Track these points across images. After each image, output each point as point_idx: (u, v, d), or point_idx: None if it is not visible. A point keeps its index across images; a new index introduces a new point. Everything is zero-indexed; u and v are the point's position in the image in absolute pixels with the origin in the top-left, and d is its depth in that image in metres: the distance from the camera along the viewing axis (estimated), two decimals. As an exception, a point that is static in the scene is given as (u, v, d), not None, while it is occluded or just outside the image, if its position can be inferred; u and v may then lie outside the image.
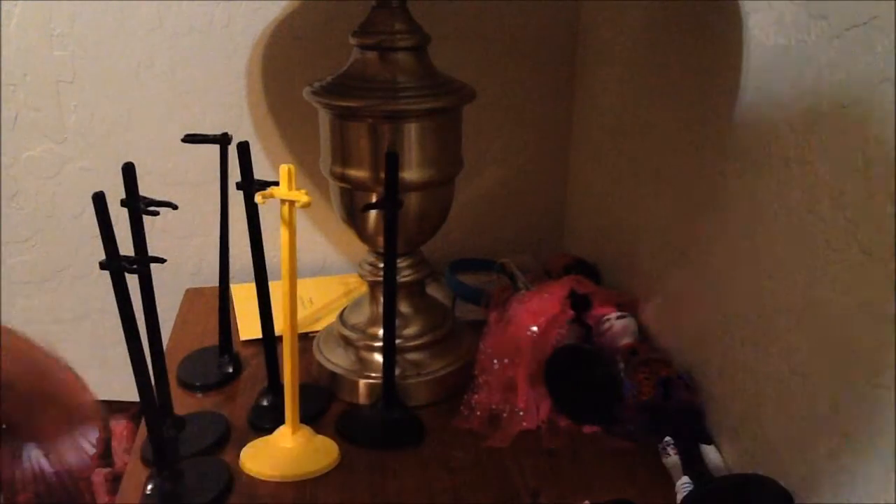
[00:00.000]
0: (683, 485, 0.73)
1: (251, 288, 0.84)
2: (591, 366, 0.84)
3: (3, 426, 1.17)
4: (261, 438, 0.80)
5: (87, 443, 0.71)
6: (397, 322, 0.86)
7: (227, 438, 0.81)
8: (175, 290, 1.14)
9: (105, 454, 1.19)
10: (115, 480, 1.17)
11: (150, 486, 0.72)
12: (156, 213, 0.72)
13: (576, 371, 0.84)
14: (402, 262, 0.88)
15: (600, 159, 1.09)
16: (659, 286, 0.92)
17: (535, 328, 0.87)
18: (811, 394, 0.64)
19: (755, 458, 0.72)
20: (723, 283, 0.77)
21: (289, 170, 0.72)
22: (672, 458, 0.76)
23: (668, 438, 0.78)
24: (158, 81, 1.08)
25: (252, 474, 0.76)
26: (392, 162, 0.76)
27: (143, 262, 0.67)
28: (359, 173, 0.82)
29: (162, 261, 0.68)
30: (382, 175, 0.77)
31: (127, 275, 0.65)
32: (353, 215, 0.86)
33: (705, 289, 0.81)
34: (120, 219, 0.67)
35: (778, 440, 0.69)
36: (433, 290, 1.03)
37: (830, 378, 0.61)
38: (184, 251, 1.17)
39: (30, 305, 1.16)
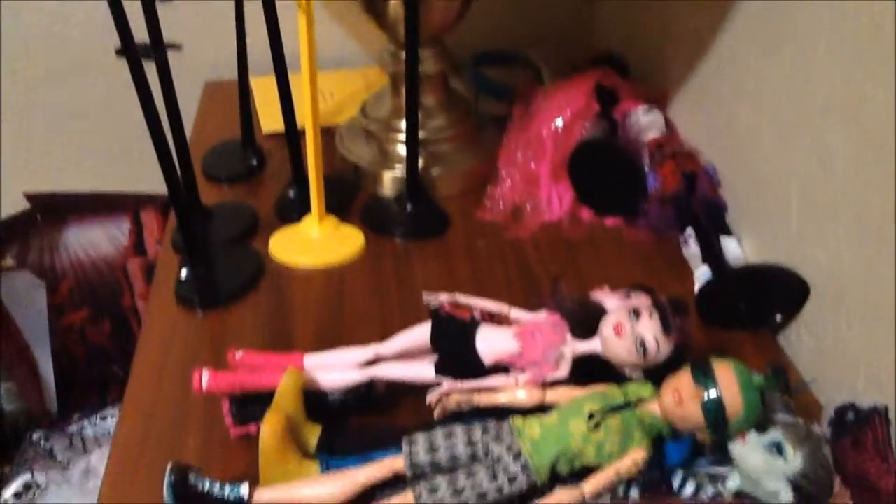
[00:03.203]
0: (702, 274, 0.74)
1: (270, 81, 0.82)
2: (615, 158, 0.83)
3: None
4: (288, 227, 0.82)
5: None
6: (420, 115, 0.85)
7: (255, 228, 0.83)
8: (193, 85, 1.12)
9: (138, 244, 1.23)
10: (149, 270, 1.22)
11: (183, 272, 0.75)
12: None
13: (600, 164, 0.84)
14: (424, 53, 0.85)
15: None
16: (688, 80, 0.89)
17: (559, 122, 0.86)
18: (837, 187, 0.63)
19: (775, 250, 0.73)
20: (754, 76, 0.74)
21: (306, -48, 0.67)
22: (692, 249, 0.77)
23: (689, 230, 0.78)
24: None
25: (281, 261, 0.79)
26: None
27: (159, 48, 0.66)
28: (379, -45, 0.77)
29: (178, 48, 0.66)
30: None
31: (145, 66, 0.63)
32: (372, 2, 0.82)
33: (736, 83, 0.78)
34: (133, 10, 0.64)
35: (799, 232, 0.69)
36: (455, 86, 1.01)
37: (857, 167, 0.61)
38: (200, 44, 1.13)
39: (51, 101, 1.15)
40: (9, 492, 1.14)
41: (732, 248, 0.77)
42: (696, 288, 0.73)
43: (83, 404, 1.28)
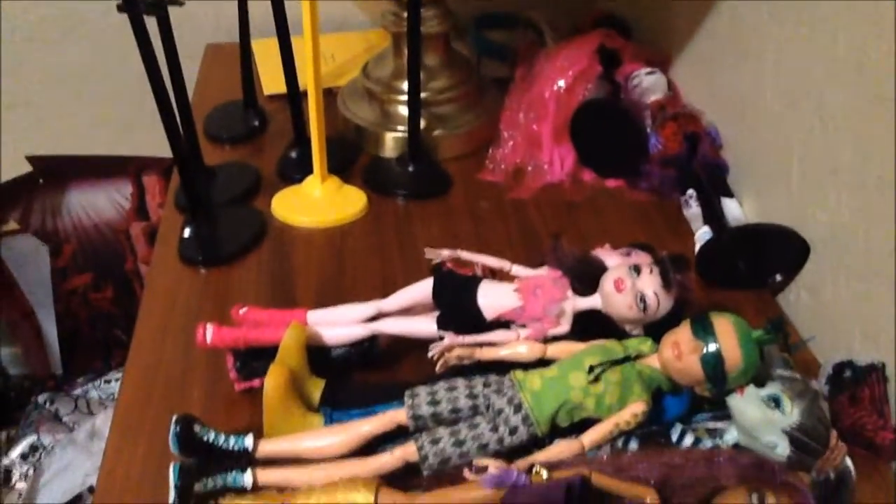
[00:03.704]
0: (703, 234, 0.74)
1: (271, 43, 0.82)
2: (617, 120, 0.83)
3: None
4: (291, 187, 0.82)
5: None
6: (422, 75, 0.84)
7: (257, 188, 0.83)
8: (195, 48, 1.11)
9: (140, 207, 1.23)
10: (152, 234, 1.23)
11: (187, 230, 0.75)
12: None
13: (602, 125, 0.83)
14: (426, 13, 0.84)
15: None
16: (691, 41, 0.89)
17: (561, 83, 0.86)
18: (838, 146, 0.63)
19: (776, 211, 0.73)
20: (757, 38, 0.74)
21: None
22: (693, 210, 0.77)
23: (690, 191, 0.78)
24: None
25: (284, 220, 0.79)
26: None
27: (160, 2, 0.65)
28: (380, -89, 0.77)
29: (181, 3, 0.66)
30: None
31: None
32: (375, -40, 0.82)
33: (738, 44, 0.78)
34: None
35: (799, 192, 0.69)
36: (457, 48, 1.00)
37: (858, 127, 0.61)
38: (201, 6, 1.13)
39: (52, 62, 1.15)
40: (15, 453, 1.15)
41: (733, 210, 0.77)
42: (697, 248, 0.73)
43: (87, 368, 1.29)
